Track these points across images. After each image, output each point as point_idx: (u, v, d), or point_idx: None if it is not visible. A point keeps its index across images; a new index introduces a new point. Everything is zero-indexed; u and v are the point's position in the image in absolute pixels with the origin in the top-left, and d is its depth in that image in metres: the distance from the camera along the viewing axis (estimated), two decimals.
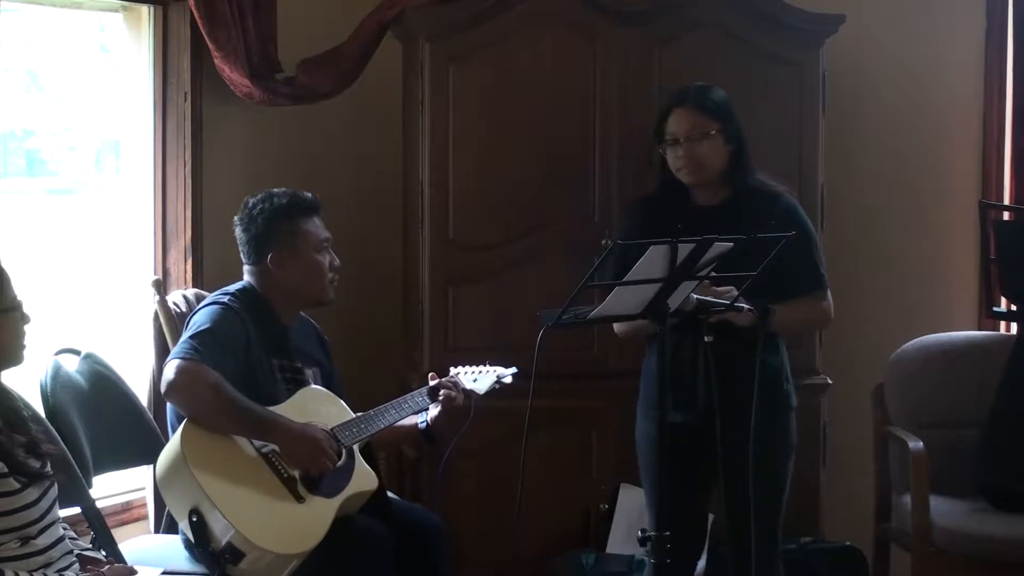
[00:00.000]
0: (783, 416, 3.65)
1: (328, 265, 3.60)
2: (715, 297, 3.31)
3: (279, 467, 3.33)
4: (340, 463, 3.43)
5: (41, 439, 2.90)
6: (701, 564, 3.93)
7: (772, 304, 3.40)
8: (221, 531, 3.19)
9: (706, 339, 3.27)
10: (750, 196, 3.63)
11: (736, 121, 3.63)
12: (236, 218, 3.63)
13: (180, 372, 3.27)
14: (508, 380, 3.77)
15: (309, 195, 3.63)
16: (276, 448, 3.34)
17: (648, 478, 3.69)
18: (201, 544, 3.22)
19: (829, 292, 3.71)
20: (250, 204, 3.61)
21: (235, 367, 3.36)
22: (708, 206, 3.64)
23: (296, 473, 3.34)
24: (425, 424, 3.68)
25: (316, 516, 3.32)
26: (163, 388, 3.32)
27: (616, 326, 3.73)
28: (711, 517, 3.84)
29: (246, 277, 3.61)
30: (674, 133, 3.59)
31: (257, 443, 3.34)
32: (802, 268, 3.59)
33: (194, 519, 3.21)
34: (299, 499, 3.32)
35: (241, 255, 3.62)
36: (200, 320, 3.43)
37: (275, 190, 3.63)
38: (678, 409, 3.50)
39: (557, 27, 4.34)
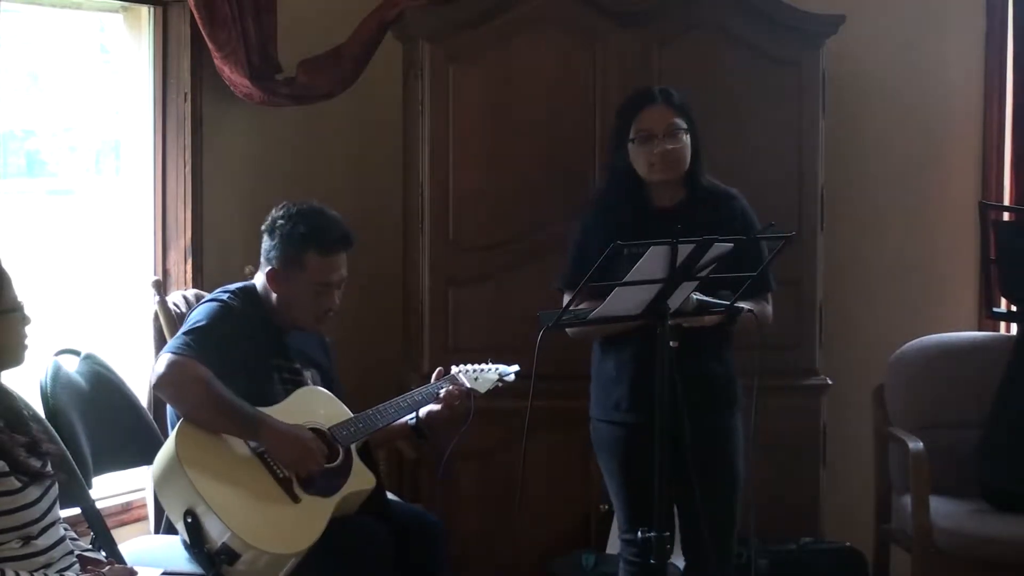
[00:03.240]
0: (735, 414, 3.66)
1: (320, 305, 3.51)
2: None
3: (274, 467, 3.33)
4: (337, 462, 3.43)
5: (41, 439, 2.90)
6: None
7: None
8: (217, 532, 3.19)
9: (671, 344, 3.25)
10: (705, 197, 3.65)
11: (696, 123, 3.64)
12: (271, 213, 3.56)
13: (169, 366, 3.28)
14: (511, 378, 3.77)
15: (339, 232, 3.50)
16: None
17: (614, 480, 3.68)
18: (197, 545, 3.21)
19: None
20: (280, 212, 3.53)
21: (230, 366, 3.35)
22: (664, 208, 3.63)
23: (292, 473, 3.34)
24: (415, 420, 3.68)
25: (312, 516, 3.31)
26: (152, 380, 3.34)
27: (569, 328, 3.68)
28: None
29: (259, 271, 3.60)
30: (649, 129, 3.58)
31: (252, 443, 3.34)
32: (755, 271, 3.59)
33: (189, 520, 3.21)
34: (295, 499, 3.31)
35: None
36: (197, 317, 3.43)
37: (312, 209, 3.51)
38: (634, 410, 3.56)
39: (557, 28, 4.34)
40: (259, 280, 3.58)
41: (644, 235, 3.17)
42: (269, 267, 3.52)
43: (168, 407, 3.47)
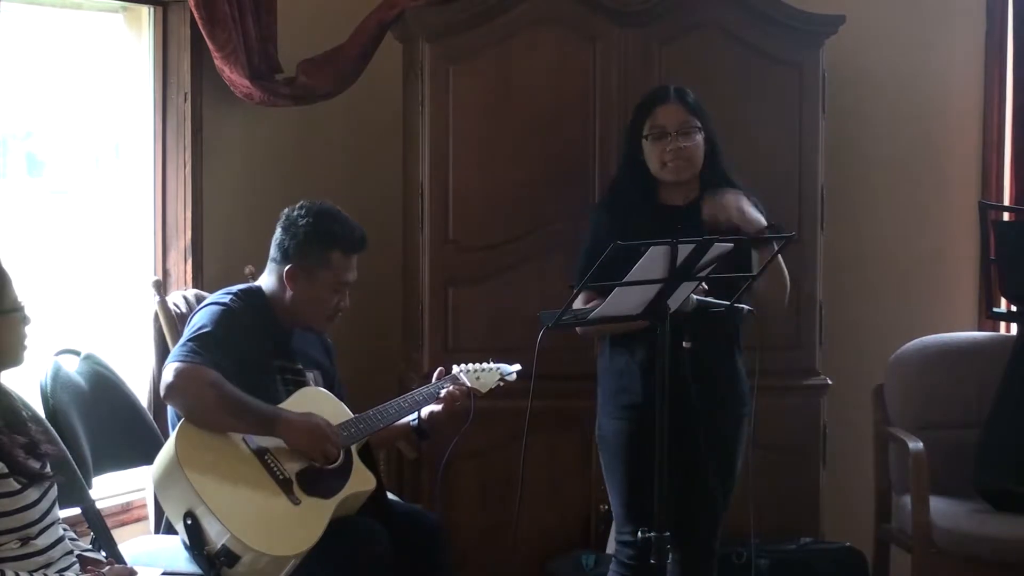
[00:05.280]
0: (745, 419, 3.67)
1: (335, 304, 3.56)
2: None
3: (274, 468, 3.33)
4: (338, 463, 3.43)
5: (41, 440, 2.90)
6: None
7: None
8: (216, 534, 3.18)
9: (685, 345, 3.25)
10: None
11: (711, 123, 3.65)
12: (284, 211, 3.57)
13: (178, 375, 3.27)
14: (512, 378, 3.77)
15: (359, 233, 3.56)
16: (272, 448, 3.34)
17: (615, 477, 3.67)
18: (196, 547, 3.21)
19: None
20: (301, 210, 3.54)
21: (234, 368, 3.35)
22: (676, 206, 3.64)
23: (292, 475, 3.34)
24: (416, 420, 3.68)
25: (312, 517, 3.31)
26: (162, 391, 3.32)
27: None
28: None
29: (265, 271, 3.60)
30: (663, 127, 3.59)
31: (252, 445, 3.33)
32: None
33: (188, 522, 3.20)
34: (295, 501, 3.31)
35: (271, 247, 3.58)
36: (200, 321, 3.42)
37: (332, 209, 3.56)
38: (643, 395, 3.52)
39: (557, 27, 4.33)
40: (267, 280, 3.58)
41: (654, 233, 3.16)
42: (288, 265, 3.51)
43: (169, 408, 3.47)
